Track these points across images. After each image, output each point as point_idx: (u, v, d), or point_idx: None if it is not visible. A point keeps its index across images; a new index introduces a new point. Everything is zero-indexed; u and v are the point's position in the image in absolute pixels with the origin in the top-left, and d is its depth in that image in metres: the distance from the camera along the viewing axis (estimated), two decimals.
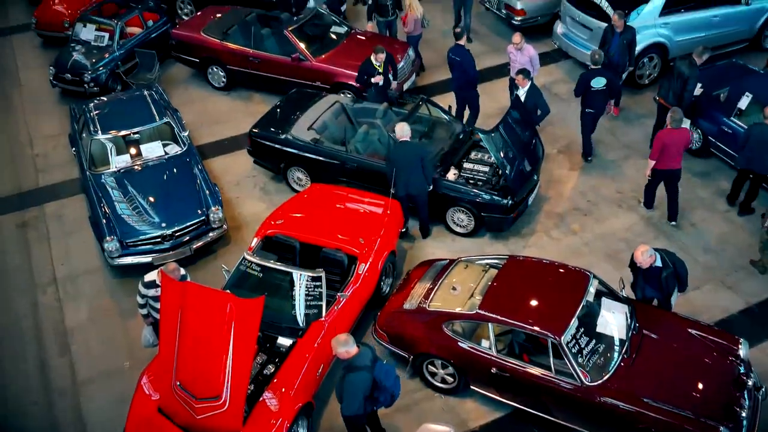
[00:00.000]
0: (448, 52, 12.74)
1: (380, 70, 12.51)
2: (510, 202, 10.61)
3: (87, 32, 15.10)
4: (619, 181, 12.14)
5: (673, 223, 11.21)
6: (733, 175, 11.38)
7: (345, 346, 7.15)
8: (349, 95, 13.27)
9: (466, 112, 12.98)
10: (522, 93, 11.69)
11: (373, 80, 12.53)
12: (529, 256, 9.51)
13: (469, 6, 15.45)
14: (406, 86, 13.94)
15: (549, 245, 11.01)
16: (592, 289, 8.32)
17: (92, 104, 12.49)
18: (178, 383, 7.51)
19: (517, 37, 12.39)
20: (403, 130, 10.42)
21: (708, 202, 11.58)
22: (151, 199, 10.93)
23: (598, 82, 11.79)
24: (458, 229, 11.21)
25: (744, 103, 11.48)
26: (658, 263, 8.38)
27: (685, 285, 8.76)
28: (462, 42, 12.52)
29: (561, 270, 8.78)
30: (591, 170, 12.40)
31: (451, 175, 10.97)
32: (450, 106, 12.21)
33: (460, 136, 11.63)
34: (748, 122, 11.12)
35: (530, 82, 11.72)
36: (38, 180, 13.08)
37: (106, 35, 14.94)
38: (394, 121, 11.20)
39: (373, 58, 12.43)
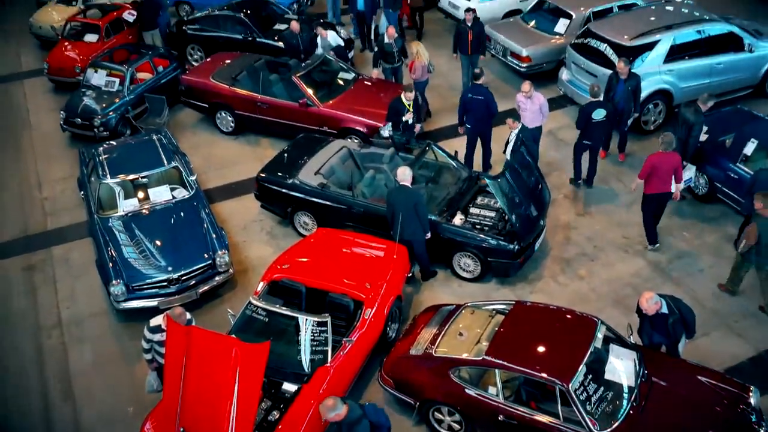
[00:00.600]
0: (465, 93, 13.00)
1: (410, 109, 12.70)
2: (517, 247, 10.59)
3: (98, 77, 15.31)
4: (625, 226, 12.13)
5: (650, 247, 11.54)
6: (739, 221, 11.35)
7: (335, 410, 7.00)
8: (356, 140, 13.37)
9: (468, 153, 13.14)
10: (513, 135, 11.87)
11: (404, 118, 12.73)
12: (536, 302, 9.46)
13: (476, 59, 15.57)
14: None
15: (556, 291, 10.97)
16: (600, 335, 8.25)
17: (101, 148, 12.60)
18: (181, 429, 7.43)
19: (526, 86, 12.44)
20: (404, 175, 10.45)
21: (715, 248, 11.54)
22: (158, 242, 10.95)
23: (599, 114, 12.16)
24: (465, 274, 11.18)
25: (750, 148, 11.51)
26: (664, 309, 8.32)
27: (693, 331, 8.68)
28: (481, 81, 12.88)
29: (568, 316, 8.73)
30: (597, 215, 12.41)
31: (458, 220, 10.98)
32: (456, 152, 12.27)
33: (467, 181, 11.68)
34: (754, 168, 11.15)
35: (521, 125, 11.99)
36: (46, 223, 13.14)
37: (117, 80, 15.14)
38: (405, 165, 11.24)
39: (403, 96, 12.67)
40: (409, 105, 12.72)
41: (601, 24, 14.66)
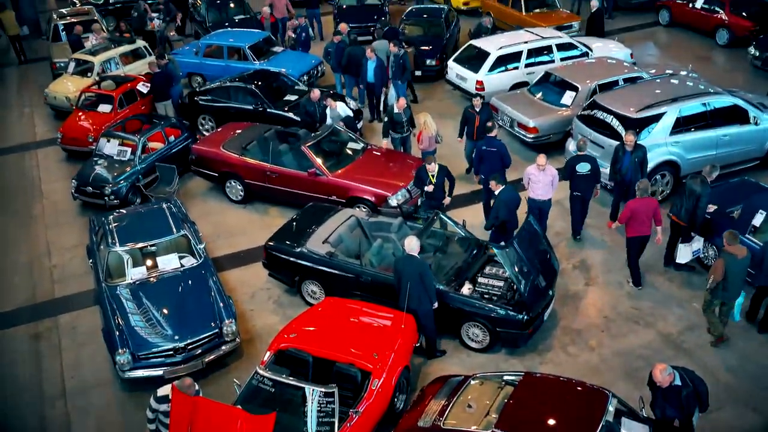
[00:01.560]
0: (479, 146, 13.76)
1: (432, 179, 12.84)
2: (525, 317, 10.50)
3: (110, 147, 15.51)
4: (635, 297, 12.04)
5: (633, 287, 12.21)
6: (751, 293, 11.26)
7: None
8: (364, 209, 13.44)
9: None
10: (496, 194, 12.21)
11: (426, 188, 12.91)
12: (546, 373, 9.34)
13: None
14: (420, 201, 14.10)
15: (566, 362, 10.82)
16: (611, 408, 8.11)
17: (111, 216, 12.68)
18: None
19: (542, 159, 12.48)
20: (411, 245, 10.42)
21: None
22: (165, 311, 10.91)
23: (583, 167, 12.72)
24: (473, 345, 11.06)
25: (758, 220, 11.52)
26: (678, 382, 8.19)
27: (707, 405, 8.53)
28: (494, 134, 13.49)
29: (579, 388, 8.59)
30: (607, 286, 12.34)
31: (466, 289, 10.93)
32: (464, 221, 12.30)
33: (474, 251, 11.68)
34: (763, 239, 11.12)
35: (503, 187, 12.16)
36: (54, 291, 13.14)
37: (129, 150, 15.34)
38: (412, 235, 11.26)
39: (427, 166, 12.87)
40: (432, 176, 12.87)
41: (607, 96, 14.87)
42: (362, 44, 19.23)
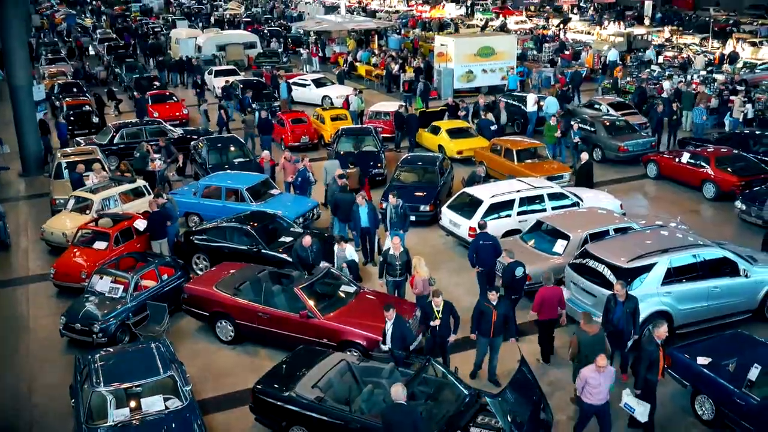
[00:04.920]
0: (476, 240, 15.62)
1: (437, 315, 12.88)
2: None
3: (102, 284, 15.49)
4: None
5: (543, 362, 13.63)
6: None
7: None
8: (355, 354, 13.27)
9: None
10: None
11: (431, 323, 12.95)
12: None
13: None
14: (412, 346, 13.95)
15: None
16: None
17: (98, 355, 12.48)
18: None
19: (602, 360, 11.27)
20: (397, 393, 10.15)
21: None
22: None
23: (519, 271, 14.40)
24: None
25: (753, 374, 11.39)
26: None
27: None
28: (487, 230, 15.62)
29: None
30: None
31: None
32: (456, 368, 12.12)
33: (466, 399, 11.43)
34: (759, 394, 10.97)
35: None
36: None
37: (121, 287, 15.30)
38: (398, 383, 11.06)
39: (434, 300, 12.98)
40: (438, 311, 12.90)
41: (598, 246, 15.05)
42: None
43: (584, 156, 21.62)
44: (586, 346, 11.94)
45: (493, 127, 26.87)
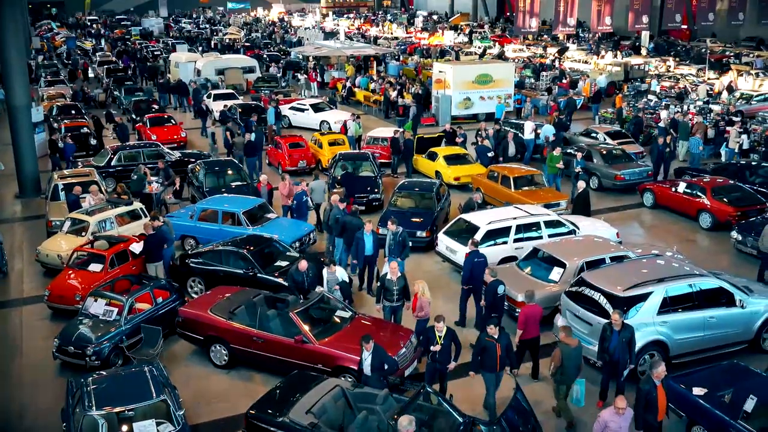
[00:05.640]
0: (471, 258, 15.80)
1: (439, 340, 12.88)
2: None
3: (96, 306, 15.42)
4: None
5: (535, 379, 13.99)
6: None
7: None
8: (349, 380, 13.19)
9: None
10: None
11: (432, 348, 12.93)
12: None
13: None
14: (407, 372, 13.91)
15: None
16: None
17: (90, 378, 12.41)
18: None
19: (622, 402, 11.14)
20: (402, 425, 10.12)
21: None
22: None
23: (501, 289, 14.85)
24: None
25: (749, 406, 11.34)
26: None
27: None
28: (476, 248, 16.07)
29: None
30: None
31: None
32: (451, 395, 12.05)
33: (461, 427, 11.34)
34: (755, 426, 10.91)
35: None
36: None
37: (115, 310, 15.23)
38: (394, 409, 11.00)
39: (436, 325, 12.97)
40: (440, 337, 12.89)
41: (594, 274, 15.04)
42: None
43: (581, 184, 21.69)
44: (568, 358, 12.53)
45: (489, 154, 27.00)
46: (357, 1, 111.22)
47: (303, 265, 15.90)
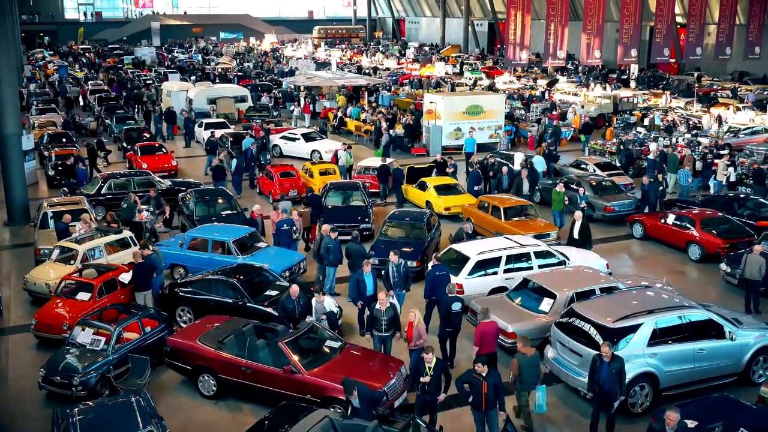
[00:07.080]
0: (432, 272, 16.61)
1: (429, 371, 12.83)
2: None
3: (84, 336, 15.28)
4: None
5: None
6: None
7: None
8: (338, 411, 13.08)
9: None
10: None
11: (421, 379, 12.92)
12: None
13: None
14: (397, 403, 13.81)
15: None
16: None
17: (76, 409, 12.26)
18: None
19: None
20: None
21: None
22: None
23: (456, 306, 15.36)
24: None
25: None
26: None
27: None
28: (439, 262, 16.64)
29: None
30: None
31: None
32: (441, 427, 11.97)
33: None
34: None
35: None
36: None
37: (103, 339, 15.10)
38: None
39: (425, 356, 12.93)
40: (429, 368, 12.83)
41: (584, 305, 15.04)
42: (344, 242, 19.65)
43: (578, 215, 21.54)
44: (525, 367, 13.26)
45: (477, 187, 27.02)
46: (349, 32, 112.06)
47: (294, 290, 15.83)
